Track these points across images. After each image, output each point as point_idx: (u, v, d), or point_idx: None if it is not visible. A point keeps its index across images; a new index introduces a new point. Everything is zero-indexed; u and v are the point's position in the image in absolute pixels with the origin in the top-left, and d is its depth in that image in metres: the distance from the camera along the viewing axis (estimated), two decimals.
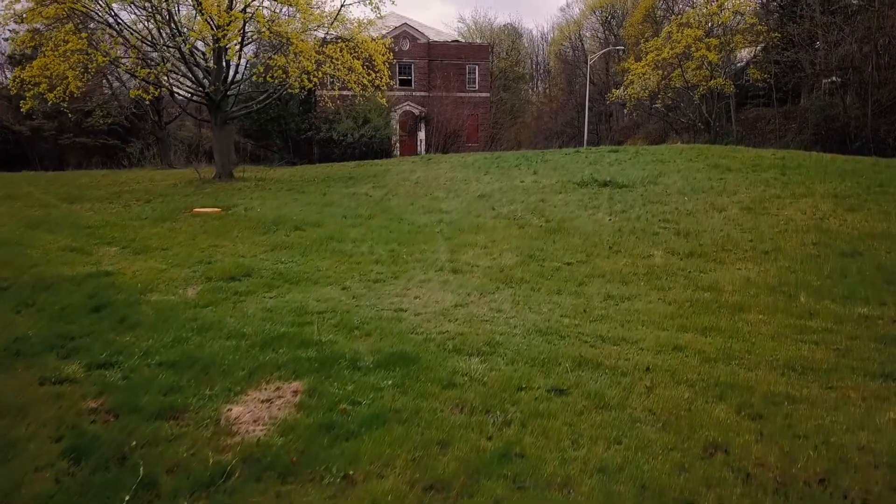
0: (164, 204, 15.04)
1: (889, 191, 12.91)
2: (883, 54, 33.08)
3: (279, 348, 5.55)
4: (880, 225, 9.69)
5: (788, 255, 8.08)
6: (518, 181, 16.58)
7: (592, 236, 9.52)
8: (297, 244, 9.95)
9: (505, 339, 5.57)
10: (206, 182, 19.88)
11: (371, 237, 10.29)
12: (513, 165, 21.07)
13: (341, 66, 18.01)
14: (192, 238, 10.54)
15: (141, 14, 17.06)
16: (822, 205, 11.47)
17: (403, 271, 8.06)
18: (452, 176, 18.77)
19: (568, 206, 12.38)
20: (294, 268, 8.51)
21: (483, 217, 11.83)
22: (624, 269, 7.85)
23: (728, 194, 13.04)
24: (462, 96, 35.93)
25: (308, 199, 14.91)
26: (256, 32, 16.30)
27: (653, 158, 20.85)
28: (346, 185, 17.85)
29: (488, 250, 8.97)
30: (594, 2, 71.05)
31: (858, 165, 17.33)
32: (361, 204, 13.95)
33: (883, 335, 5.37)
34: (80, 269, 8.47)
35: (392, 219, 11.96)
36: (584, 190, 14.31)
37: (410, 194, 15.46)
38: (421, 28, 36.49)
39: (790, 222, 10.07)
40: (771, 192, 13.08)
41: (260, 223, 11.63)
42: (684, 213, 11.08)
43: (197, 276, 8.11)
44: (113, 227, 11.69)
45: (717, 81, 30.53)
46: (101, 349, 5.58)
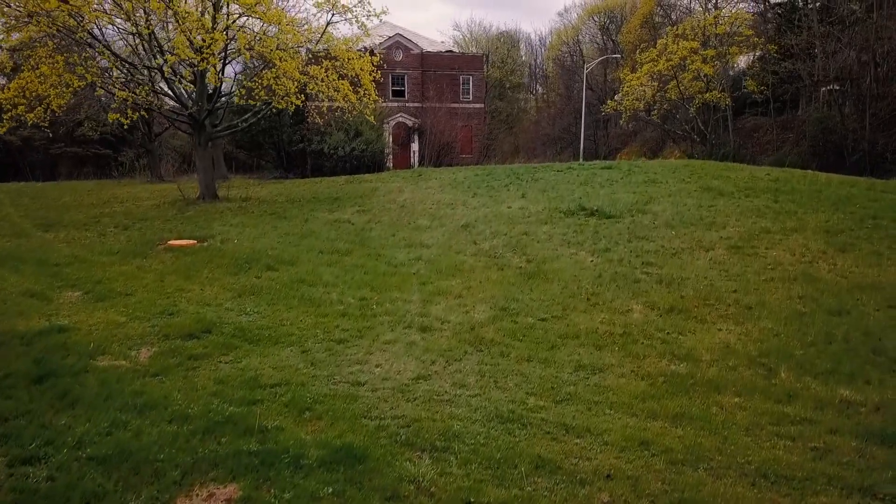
0: (140, 232, 14.68)
1: (882, 224, 12.57)
2: (881, 64, 32.74)
3: (222, 437, 5.20)
4: (871, 272, 9.34)
5: (773, 312, 7.72)
6: (505, 206, 16.22)
7: (571, 283, 9.15)
8: (267, 288, 9.59)
9: (463, 427, 5.22)
10: (189, 203, 19.53)
11: (344, 280, 9.94)
12: (503, 185, 20.72)
13: (326, 87, 17.66)
14: (160, 279, 10.19)
15: (123, 31, 16.74)
16: (812, 243, 11.11)
17: (370, 328, 7.71)
18: (439, 198, 18.41)
19: (551, 241, 12.02)
20: (258, 321, 8.15)
21: (463, 254, 11.48)
22: (600, 327, 7.49)
23: (717, 227, 12.68)
24: (456, 107, 35.57)
25: (288, 228, 14.55)
26: (237, 52, 15.92)
27: (644, 178, 20.49)
28: (330, 209, 17.49)
29: (462, 300, 8.61)
30: (592, 7, 70.76)
31: (853, 190, 16.98)
32: (341, 234, 13.58)
33: (865, 428, 5.01)
34: (35, 322, 8.11)
35: (370, 255, 11.61)
36: (570, 220, 13.95)
37: (394, 222, 15.10)
38: (414, 38, 36.12)
39: (778, 266, 9.71)
40: (761, 225, 12.72)
41: (233, 260, 11.27)
42: (669, 254, 10.72)
43: (155, 331, 7.76)
44: (81, 264, 11.33)
45: (713, 94, 30.17)
46: (32, 436, 5.22)
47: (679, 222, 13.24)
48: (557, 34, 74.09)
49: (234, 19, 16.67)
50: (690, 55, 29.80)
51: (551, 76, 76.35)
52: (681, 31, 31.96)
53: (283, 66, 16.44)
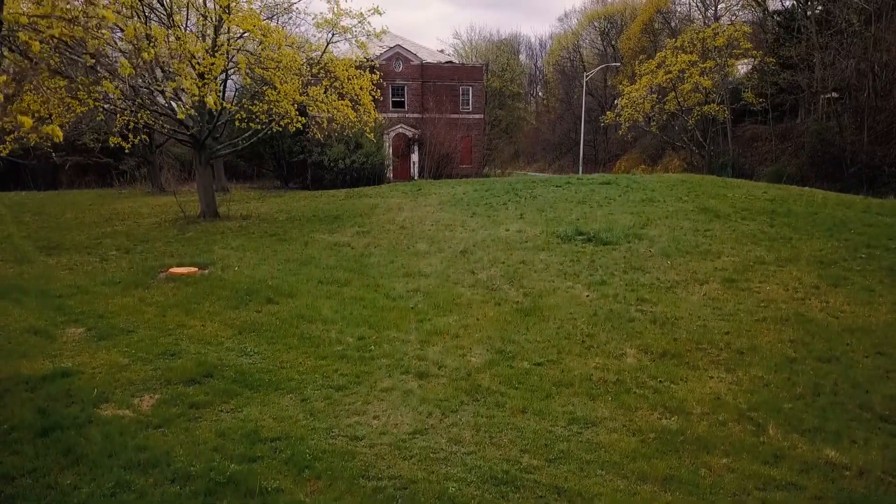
0: (141, 256, 14.83)
1: (876, 254, 12.72)
2: (880, 75, 32.86)
3: (223, 498, 5.34)
4: (862, 311, 9.48)
5: (764, 359, 7.86)
6: (503, 229, 16.36)
7: (567, 322, 9.29)
8: (267, 325, 9.73)
9: (458, 490, 5.36)
10: (190, 221, 19.68)
11: (343, 315, 10.08)
12: (501, 203, 20.88)
13: (326, 108, 17.81)
14: (162, 314, 10.33)
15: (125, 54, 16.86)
16: (805, 276, 11.25)
17: (368, 373, 7.85)
18: (438, 218, 18.56)
19: (548, 271, 12.16)
20: (258, 363, 8.29)
21: (461, 285, 11.62)
22: (594, 373, 7.63)
23: (712, 256, 12.83)
24: (455, 118, 35.71)
25: (288, 253, 14.69)
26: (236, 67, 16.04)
27: (642, 197, 20.64)
28: (329, 230, 17.64)
29: (459, 341, 8.75)
30: (592, 12, 70.93)
31: (849, 213, 17.12)
32: (341, 261, 13.73)
33: (848, 495, 5.15)
34: (39, 364, 8.25)
35: (368, 286, 11.75)
36: (567, 246, 14.10)
37: (393, 245, 15.25)
38: (414, 49, 36.26)
39: (771, 304, 9.85)
40: (756, 254, 12.87)
41: (234, 292, 11.41)
42: (664, 288, 10.86)
43: (157, 375, 7.90)
44: (84, 295, 11.48)
45: (712, 107, 30.30)
46: (38, 497, 5.37)
47: (675, 250, 13.38)
48: (557, 39, 74.34)
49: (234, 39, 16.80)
50: (689, 68, 29.93)
51: (551, 82, 76.49)
52: (679, 44, 32.08)
53: (283, 88, 16.57)
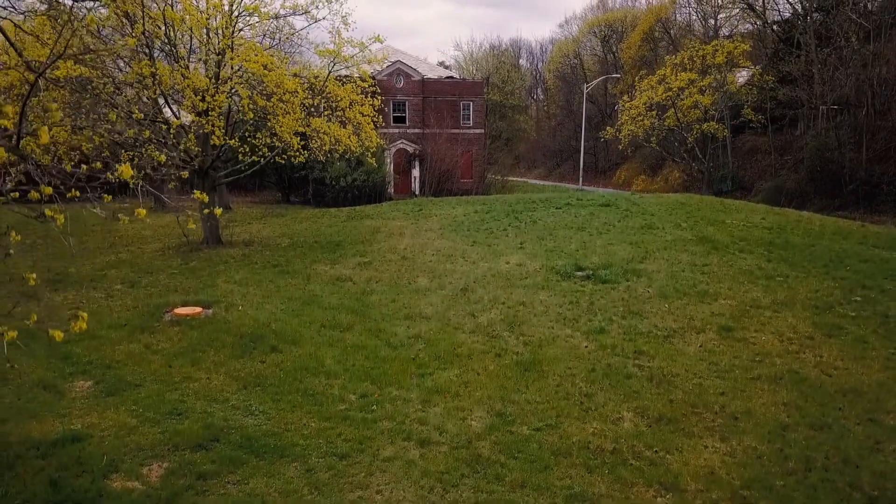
0: (147, 291, 15.01)
1: (871, 296, 12.92)
2: (879, 92, 32.97)
3: None
4: (855, 368, 9.66)
5: (758, 424, 8.04)
6: (503, 262, 16.55)
7: (566, 379, 9.48)
8: (272, 377, 9.92)
9: None
10: (193, 248, 19.84)
11: (346, 366, 10.26)
12: (501, 229, 21.07)
13: (328, 138, 18.00)
14: (168, 364, 10.51)
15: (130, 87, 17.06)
16: (800, 324, 11.44)
17: (370, 438, 8.03)
18: (439, 247, 18.74)
19: (547, 315, 12.35)
20: (263, 424, 8.47)
21: (461, 330, 11.79)
22: (592, 440, 7.81)
23: (710, 298, 13.01)
24: (456, 133, 35.89)
25: (291, 289, 14.85)
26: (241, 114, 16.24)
27: (641, 223, 20.85)
28: (331, 259, 17.81)
29: (460, 401, 8.93)
30: (593, 19, 71.05)
31: (845, 245, 17.33)
32: (343, 299, 13.90)
33: None
34: (50, 425, 8.44)
35: (370, 330, 11.93)
36: (566, 284, 14.28)
37: (394, 280, 15.43)
38: (415, 64, 36.44)
39: (765, 359, 10.03)
40: (752, 296, 13.06)
41: (238, 337, 11.59)
42: (662, 337, 11.04)
43: (165, 439, 8.08)
44: (91, 340, 11.64)
45: (711, 125, 30.46)
46: None
47: (673, 290, 13.56)
48: (558, 46, 74.48)
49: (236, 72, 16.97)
50: (688, 87, 30.10)
51: (552, 88, 76.63)
52: (679, 61, 32.23)
53: (285, 121, 16.75)
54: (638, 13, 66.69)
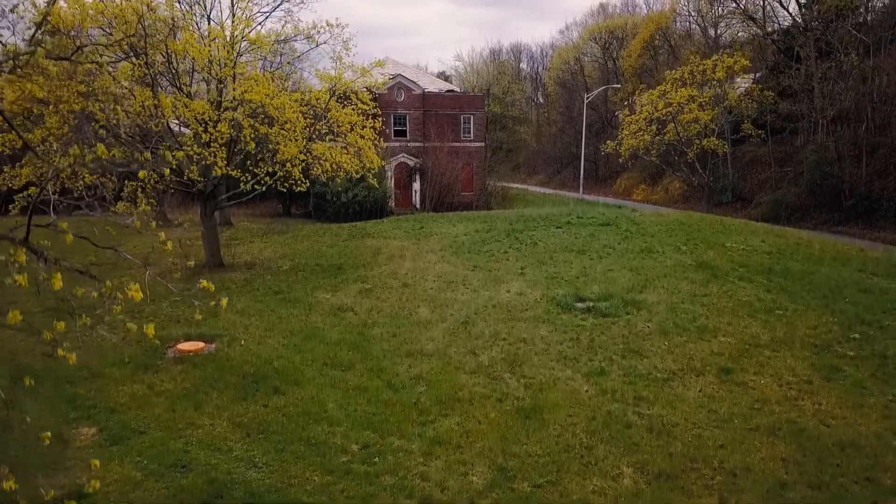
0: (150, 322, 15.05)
1: (869, 334, 13.03)
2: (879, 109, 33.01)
3: None
4: (853, 417, 9.74)
5: (757, 482, 8.12)
6: (504, 290, 16.63)
7: (567, 430, 9.56)
8: (274, 424, 10.00)
9: None
10: (195, 272, 19.89)
11: (348, 411, 10.34)
12: (501, 251, 21.18)
13: (329, 166, 18.08)
14: (172, 408, 10.59)
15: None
16: (799, 366, 11.52)
17: (373, 496, 8.11)
18: (440, 272, 18.83)
19: (548, 354, 12.43)
20: (266, 479, 8.55)
21: (462, 370, 11.87)
22: (592, 499, 7.89)
23: (709, 335, 13.10)
24: (457, 146, 35.97)
25: (292, 321, 14.90)
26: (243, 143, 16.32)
27: (642, 245, 20.97)
28: (333, 285, 17.88)
29: (461, 454, 9.01)
30: (594, 26, 71.09)
31: (844, 272, 17.42)
32: (344, 333, 13.96)
33: None
34: (56, 480, 8.52)
35: (371, 370, 12.00)
36: (566, 318, 14.36)
37: (395, 311, 15.49)
38: (415, 77, 36.56)
39: (764, 406, 10.11)
40: (751, 333, 13.16)
41: (240, 377, 11.67)
42: (661, 381, 11.12)
43: (170, 495, 8.16)
44: (95, 379, 11.73)
45: (711, 141, 30.53)
46: None
47: (672, 325, 13.64)
48: (559, 52, 74.52)
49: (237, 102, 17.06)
50: (689, 103, 30.19)
51: (552, 95, 76.68)
52: (679, 75, 32.30)
53: (286, 150, 16.83)
54: (638, 20, 66.72)
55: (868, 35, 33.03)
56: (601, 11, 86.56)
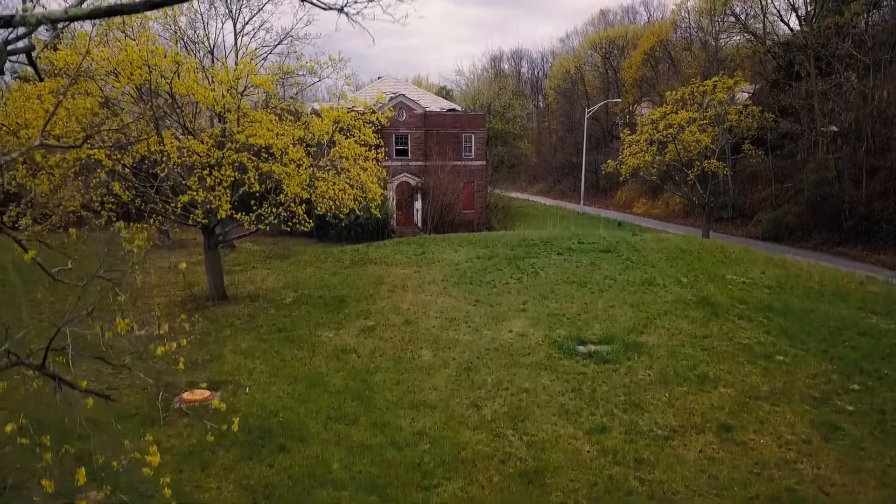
0: (155, 366, 15.19)
1: (868, 385, 13.16)
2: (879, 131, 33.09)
3: None
4: (852, 483, 9.87)
5: None
6: (506, 330, 16.76)
7: (569, 496, 9.67)
8: (280, 487, 10.13)
9: None
10: (199, 304, 20.05)
11: (353, 472, 10.47)
12: (503, 282, 21.33)
13: (333, 203, 18.22)
14: (178, 469, 10.73)
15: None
16: (798, 423, 11.65)
17: None
18: (442, 307, 18.96)
19: (550, 407, 12.55)
20: None
21: (466, 425, 11.99)
22: None
23: (710, 386, 13.23)
24: (458, 164, 36.12)
25: (297, 366, 14.99)
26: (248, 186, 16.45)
27: (643, 276, 21.15)
28: (336, 321, 17.98)
29: None
30: (594, 36, 71.22)
31: (844, 311, 17.58)
32: (348, 380, 14.07)
33: None
34: None
35: (375, 424, 12.12)
36: (568, 364, 14.49)
37: (398, 353, 15.60)
38: (416, 96, 36.74)
39: (764, 470, 10.24)
40: (751, 383, 13.30)
41: (246, 433, 11.79)
42: (662, 439, 11.25)
43: None
44: (100, 433, 11.83)
45: (711, 163, 30.68)
46: None
47: (673, 373, 13.77)
48: (559, 61, 74.72)
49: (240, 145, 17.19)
50: (689, 125, 30.35)
51: (552, 104, 76.85)
52: (680, 96, 32.44)
53: (288, 189, 16.96)
54: (638, 30, 66.90)
55: (868, 55, 33.14)
56: (602, 19, 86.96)
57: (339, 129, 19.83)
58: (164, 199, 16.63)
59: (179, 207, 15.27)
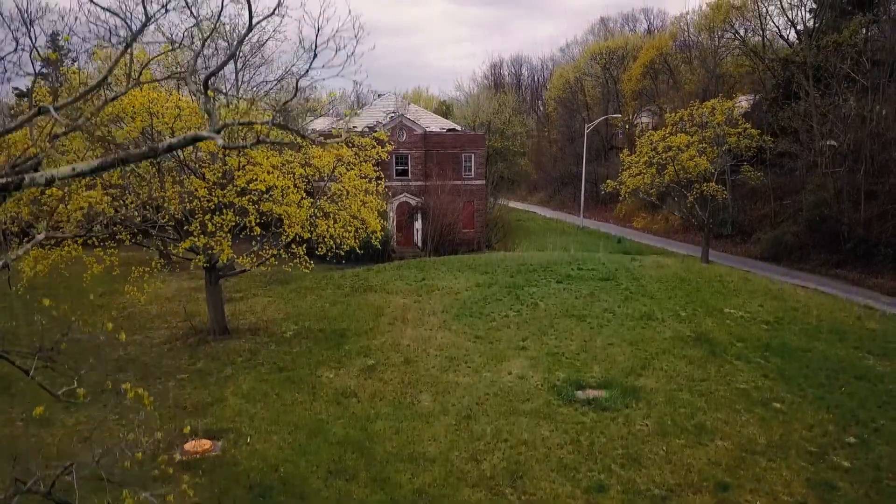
0: (158, 411, 15.30)
1: (864, 437, 13.26)
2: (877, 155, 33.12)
3: None
4: None
5: None
6: (505, 373, 16.86)
7: None
8: None
9: None
10: (201, 339, 20.13)
11: None
12: (502, 315, 21.47)
13: (332, 242, 18.35)
14: None
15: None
16: (794, 482, 11.76)
17: None
18: (442, 343, 19.08)
19: (549, 462, 12.64)
20: None
21: (465, 482, 12.08)
22: None
23: (707, 437, 13.34)
24: (458, 184, 36.24)
25: (297, 410, 15.09)
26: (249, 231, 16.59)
27: (642, 310, 21.26)
28: (336, 361, 18.07)
29: None
30: (594, 46, 71.32)
31: (841, 352, 17.66)
32: (348, 429, 14.16)
33: None
34: None
35: (375, 480, 12.22)
36: (567, 412, 14.59)
37: (398, 398, 15.69)
38: (417, 116, 36.86)
39: None
40: (749, 435, 13.40)
41: (247, 489, 11.92)
42: (659, 498, 11.35)
43: None
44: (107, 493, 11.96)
45: (711, 186, 30.79)
46: None
47: (671, 423, 13.88)
48: (559, 72, 74.80)
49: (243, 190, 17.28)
50: (687, 149, 30.47)
51: (552, 115, 76.97)
52: (679, 118, 32.56)
53: (290, 231, 17.07)
54: (638, 41, 67.01)
55: (866, 77, 33.23)
56: (602, 26, 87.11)
57: (340, 161, 19.96)
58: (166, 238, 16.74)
59: (181, 252, 15.37)
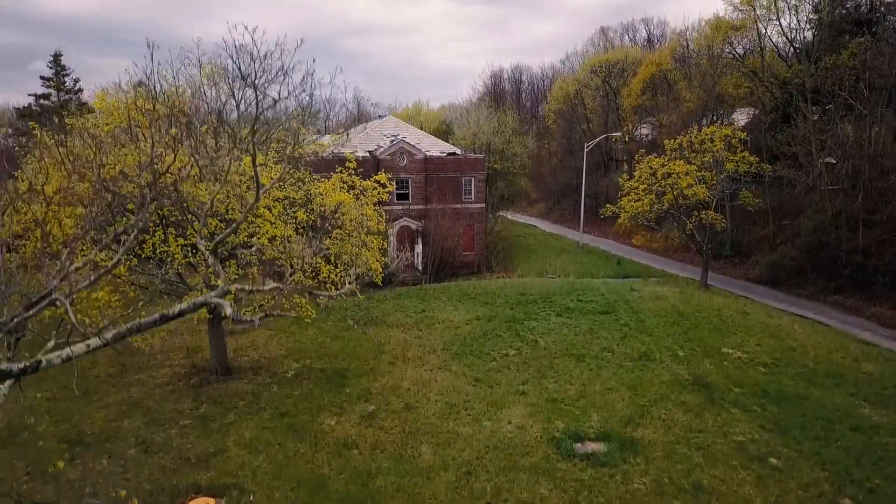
0: (160, 462, 15.46)
1: (859, 498, 13.42)
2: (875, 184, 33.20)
3: None
4: None
5: None
6: (505, 422, 17.03)
7: None
8: None
9: None
10: (203, 380, 20.30)
11: None
12: (501, 354, 21.64)
13: (332, 287, 18.51)
14: None
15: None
16: None
17: None
18: (443, 387, 19.28)
19: None
20: None
21: None
22: None
23: (704, 497, 13.53)
24: (458, 208, 36.43)
25: (299, 463, 15.24)
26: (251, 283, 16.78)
27: (640, 349, 21.46)
28: (337, 406, 18.23)
29: None
30: (594, 59, 71.51)
31: (837, 400, 17.83)
32: (349, 485, 14.31)
33: None
34: None
35: None
36: (565, 468, 14.77)
37: (398, 450, 15.85)
38: (417, 140, 37.02)
39: None
40: (745, 495, 13.59)
41: None
42: None
43: None
44: None
45: (709, 214, 30.98)
46: None
47: (668, 481, 14.06)
48: (559, 84, 74.95)
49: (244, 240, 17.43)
50: (685, 177, 30.65)
51: (552, 127, 77.15)
52: (677, 145, 32.74)
53: (293, 280, 17.24)
54: (638, 54, 67.20)
55: (864, 105, 33.41)
56: (602, 36, 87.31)
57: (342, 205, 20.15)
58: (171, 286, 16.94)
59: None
